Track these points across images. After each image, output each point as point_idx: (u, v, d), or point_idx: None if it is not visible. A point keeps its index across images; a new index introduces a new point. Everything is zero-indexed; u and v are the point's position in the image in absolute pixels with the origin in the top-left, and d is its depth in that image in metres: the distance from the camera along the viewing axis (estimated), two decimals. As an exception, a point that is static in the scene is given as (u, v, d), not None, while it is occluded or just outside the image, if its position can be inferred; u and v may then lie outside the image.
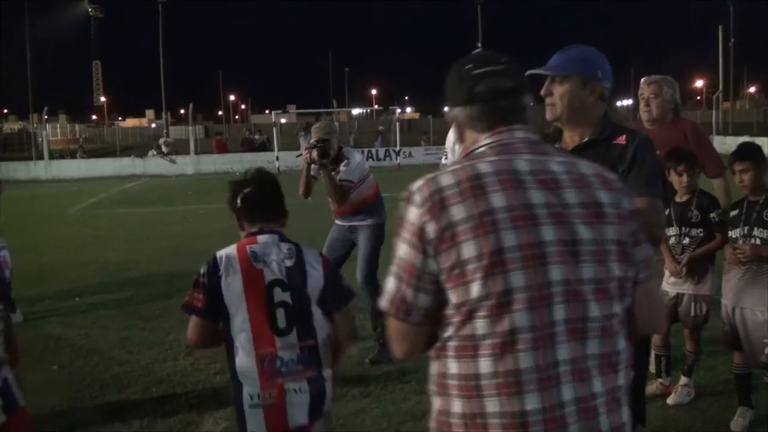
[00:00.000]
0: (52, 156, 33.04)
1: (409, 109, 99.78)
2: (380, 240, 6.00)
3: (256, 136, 35.15)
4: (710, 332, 5.15)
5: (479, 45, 51.66)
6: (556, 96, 2.96)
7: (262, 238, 2.95)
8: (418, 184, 1.77)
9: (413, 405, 4.80)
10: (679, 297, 4.74)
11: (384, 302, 1.80)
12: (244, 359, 2.80)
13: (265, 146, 32.95)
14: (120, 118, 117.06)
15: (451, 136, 5.88)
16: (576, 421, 1.67)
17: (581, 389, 1.69)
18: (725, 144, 24.94)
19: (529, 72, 2.93)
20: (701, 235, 4.66)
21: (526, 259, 1.67)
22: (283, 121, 44.04)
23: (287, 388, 2.78)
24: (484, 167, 1.75)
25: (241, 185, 3.08)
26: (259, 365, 2.78)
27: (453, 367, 1.73)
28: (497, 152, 1.81)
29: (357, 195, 5.83)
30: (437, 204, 1.71)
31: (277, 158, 28.84)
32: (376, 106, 61.00)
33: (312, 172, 5.85)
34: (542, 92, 2.98)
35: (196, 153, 31.50)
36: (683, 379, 4.82)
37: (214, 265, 2.86)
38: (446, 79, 1.94)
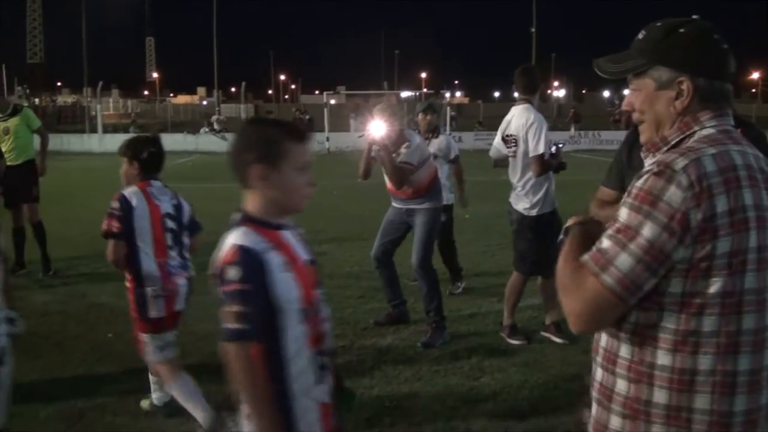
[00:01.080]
0: (105, 130, 33.60)
1: (458, 93, 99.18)
2: (437, 224, 5.96)
3: (307, 116, 35.38)
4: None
5: (533, 30, 50.96)
6: None
7: (155, 184, 4.20)
8: (680, 162, 1.65)
9: (466, 390, 4.77)
10: None
11: (610, 279, 1.66)
12: (148, 264, 4.08)
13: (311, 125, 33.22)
14: (171, 95, 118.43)
15: (514, 119, 5.81)
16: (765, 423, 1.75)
17: None
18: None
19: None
20: None
21: (760, 261, 1.68)
22: (332, 102, 44.08)
23: (178, 282, 4.16)
24: (737, 158, 1.70)
25: (149, 143, 4.28)
26: (159, 268, 4.10)
27: (665, 358, 1.70)
28: (729, 139, 1.75)
29: (416, 178, 5.78)
30: (705, 191, 1.62)
31: (327, 139, 28.91)
32: (425, 90, 60.65)
33: (372, 154, 5.82)
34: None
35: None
36: None
37: (125, 201, 4.07)
38: (682, 36, 1.77)
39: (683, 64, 1.75)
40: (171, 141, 30.85)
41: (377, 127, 5.60)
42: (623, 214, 1.69)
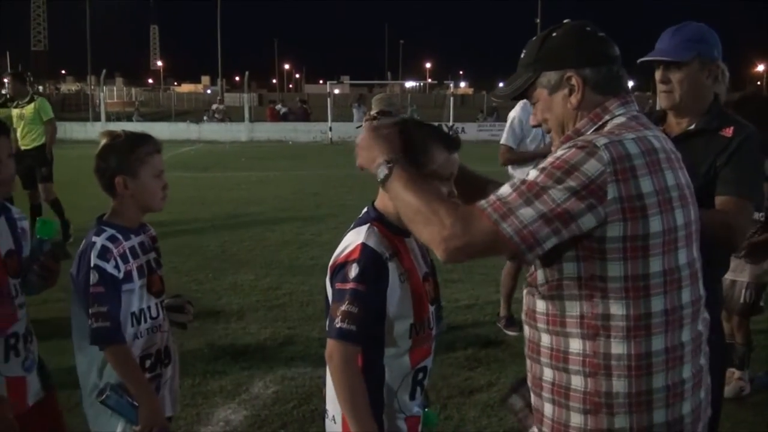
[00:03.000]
0: (109, 118, 33.62)
1: (462, 84, 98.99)
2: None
3: (278, 107, 35.70)
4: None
5: (538, 21, 50.82)
6: (675, 82, 2.75)
7: None
8: (602, 140, 1.69)
9: (461, 381, 4.81)
10: (733, 283, 4.62)
11: (510, 229, 1.65)
12: None
13: (286, 117, 33.47)
14: (176, 83, 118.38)
15: (514, 113, 5.84)
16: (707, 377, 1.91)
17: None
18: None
19: (643, 59, 2.80)
20: (762, 220, 4.53)
21: (687, 237, 1.78)
22: (336, 91, 44.05)
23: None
24: (654, 142, 1.76)
25: None
26: None
27: (620, 347, 1.73)
28: (640, 125, 1.81)
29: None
30: (629, 171, 1.67)
31: (330, 129, 28.92)
32: (429, 80, 60.61)
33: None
34: (659, 78, 2.78)
35: (250, 120, 31.76)
36: (737, 373, 4.73)
37: None
38: (557, 38, 1.84)
39: (564, 61, 1.82)
40: (174, 130, 31.06)
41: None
42: (533, 173, 1.70)
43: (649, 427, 1.75)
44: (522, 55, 1.91)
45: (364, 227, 2.13)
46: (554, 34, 1.84)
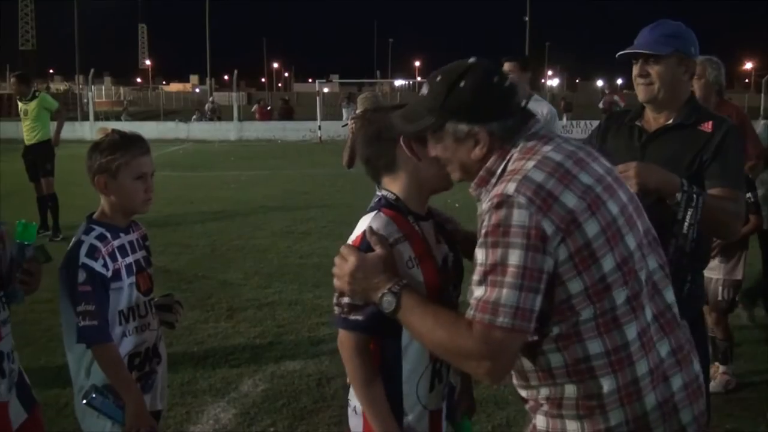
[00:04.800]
0: (97, 117, 33.45)
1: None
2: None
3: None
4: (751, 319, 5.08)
5: (527, 18, 50.91)
6: (654, 75, 2.81)
7: None
8: (510, 187, 1.70)
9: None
10: (708, 281, 4.66)
11: (507, 319, 1.66)
12: None
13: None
14: (164, 83, 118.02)
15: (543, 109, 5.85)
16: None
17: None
18: (775, 130, 24.31)
19: (622, 53, 2.85)
20: (752, 200, 4.57)
21: (629, 220, 1.79)
22: (326, 90, 43.99)
23: None
24: (555, 156, 1.76)
25: None
26: None
27: (595, 346, 1.74)
28: (539, 141, 1.81)
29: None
30: (548, 199, 1.68)
31: (320, 127, 28.89)
32: (419, 78, 60.52)
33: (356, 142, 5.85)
34: (637, 72, 2.84)
35: (240, 119, 31.69)
36: (721, 368, 4.77)
37: None
38: (465, 91, 1.80)
39: (472, 116, 1.81)
40: (163, 129, 30.94)
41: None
42: (481, 256, 1.70)
43: (644, 415, 1.76)
44: (425, 91, 1.88)
45: (372, 214, 2.10)
46: (461, 85, 1.81)
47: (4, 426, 2.53)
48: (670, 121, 2.88)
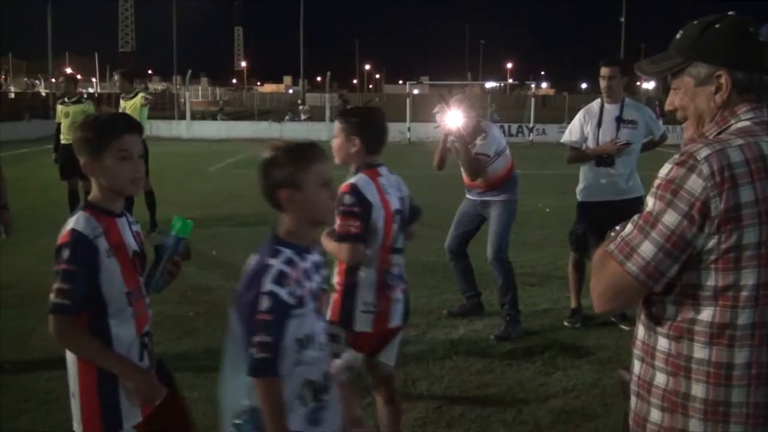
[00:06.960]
0: (194, 117, 34.48)
1: (544, 84, 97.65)
2: (512, 216, 5.92)
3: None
4: None
5: (622, 19, 49.65)
6: None
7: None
8: (703, 152, 1.67)
9: (537, 385, 4.74)
10: None
11: (633, 266, 1.71)
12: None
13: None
14: (258, 83, 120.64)
15: (580, 114, 5.74)
16: None
17: None
18: None
19: None
20: None
21: None
22: (416, 92, 44.06)
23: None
24: (764, 146, 1.70)
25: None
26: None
27: (701, 352, 1.72)
28: (764, 130, 1.75)
29: (491, 169, 5.75)
30: (728, 181, 1.64)
31: (409, 129, 28.94)
32: (510, 80, 60.01)
33: (447, 144, 5.81)
34: None
35: (331, 120, 32.04)
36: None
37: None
38: (718, 31, 1.78)
39: (720, 58, 1.76)
40: (257, 128, 31.60)
41: (453, 118, 5.59)
42: (650, 202, 1.72)
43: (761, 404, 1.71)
44: (678, 36, 1.86)
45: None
46: (717, 26, 1.79)
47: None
48: None
